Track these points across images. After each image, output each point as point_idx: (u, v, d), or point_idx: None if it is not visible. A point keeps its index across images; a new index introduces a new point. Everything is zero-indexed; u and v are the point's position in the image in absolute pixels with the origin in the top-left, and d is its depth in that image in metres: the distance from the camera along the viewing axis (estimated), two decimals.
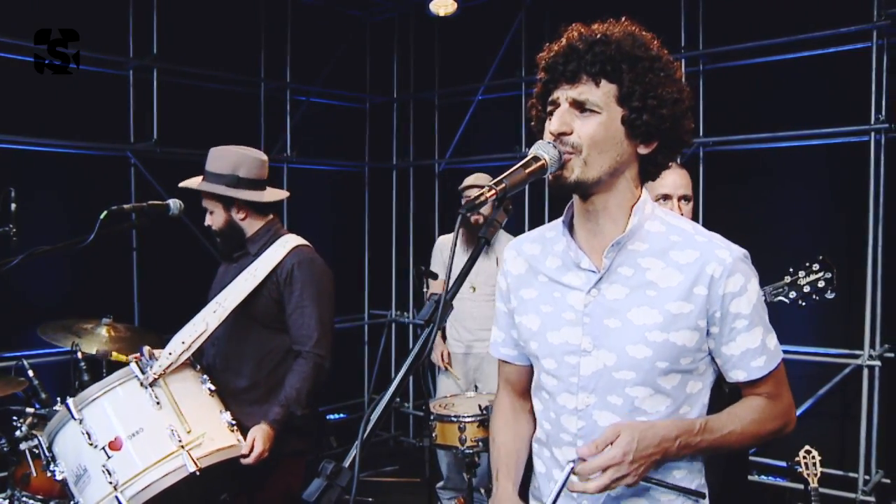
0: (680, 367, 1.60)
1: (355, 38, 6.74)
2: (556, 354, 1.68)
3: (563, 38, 1.63)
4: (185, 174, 3.16)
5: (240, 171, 3.03)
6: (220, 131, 5.04)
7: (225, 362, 3.09)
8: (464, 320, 4.82)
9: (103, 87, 5.07)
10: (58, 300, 4.77)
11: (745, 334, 1.60)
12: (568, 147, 1.54)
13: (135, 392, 2.72)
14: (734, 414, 1.64)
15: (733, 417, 1.63)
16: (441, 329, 4.90)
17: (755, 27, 4.74)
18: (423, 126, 6.84)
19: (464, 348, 4.91)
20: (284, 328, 3.05)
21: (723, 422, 1.62)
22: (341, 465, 1.15)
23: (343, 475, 1.15)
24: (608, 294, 1.62)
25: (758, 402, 1.67)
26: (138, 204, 2.85)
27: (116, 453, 2.62)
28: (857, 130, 4.42)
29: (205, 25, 5.43)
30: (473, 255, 1.39)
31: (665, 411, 1.61)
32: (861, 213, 4.39)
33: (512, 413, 1.92)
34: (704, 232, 1.65)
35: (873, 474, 4.44)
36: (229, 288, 2.99)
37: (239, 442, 2.80)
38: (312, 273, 3.06)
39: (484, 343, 4.87)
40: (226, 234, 3.11)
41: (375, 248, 7.02)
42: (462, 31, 6.31)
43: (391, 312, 7.01)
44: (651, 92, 1.54)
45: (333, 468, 1.15)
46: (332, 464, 1.16)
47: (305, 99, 6.35)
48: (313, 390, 3.00)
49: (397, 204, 6.98)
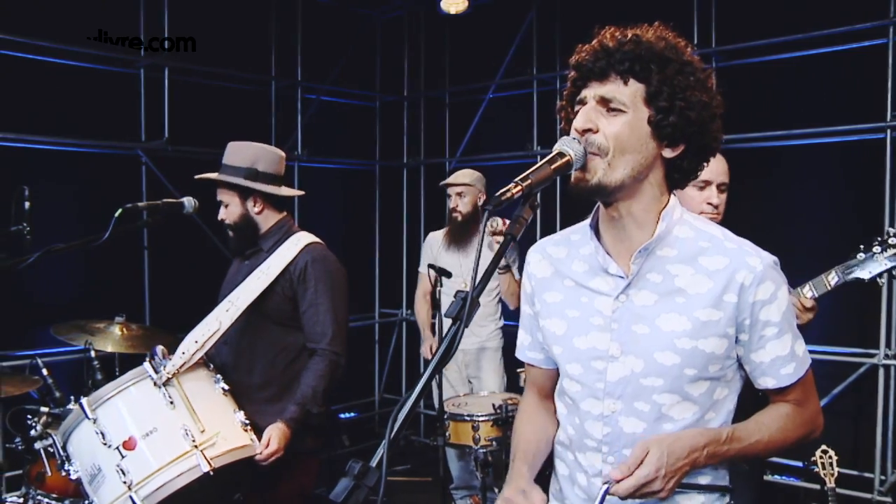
0: (708, 375, 1.58)
1: (366, 36, 6.73)
2: (582, 359, 1.66)
3: (594, 41, 1.61)
4: (196, 172, 3.16)
5: (258, 165, 3.03)
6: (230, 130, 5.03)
7: (238, 361, 3.07)
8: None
9: (114, 85, 5.07)
10: (69, 299, 4.77)
11: (775, 341, 1.59)
12: (593, 148, 1.52)
13: (148, 391, 2.71)
14: (761, 422, 1.63)
15: (760, 426, 1.62)
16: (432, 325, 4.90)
17: (768, 24, 4.71)
18: (433, 124, 6.82)
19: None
20: (298, 326, 3.04)
21: (750, 430, 1.60)
22: (369, 465, 1.13)
23: (371, 475, 1.13)
24: (636, 300, 1.60)
25: (785, 410, 1.65)
26: (153, 202, 2.84)
27: (130, 453, 2.61)
28: (873, 128, 4.38)
29: (216, 24, 5.42)
30: (499, 251, 1.37)
31: (692, 418, 1.59)
32: (876, 211, 4.35)
33: (536, 412, 1.90)
34: (734, 238, 1.63)
35: (889, 474, 4.40)
36: (242, 286, 2.98)
37: (252, 441, 2.79)
38: (326, 270, 3.05)
39: (478, 339, 4.86)
40: (240, 227, 3.09)
41: (386, 246, 7.01)
42: (472, 28, 6.28)
43: (402, 311, 6.99)
44: (679, 94, 1.52)
45: (361, 468, 1.13)
46: (359, 463, 1.14)
47: (316, 97, 6.33)
48: (329, 388, 2.99)
49: (408, 203, 6.97)
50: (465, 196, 4.79)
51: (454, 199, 4.81)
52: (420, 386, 1.22)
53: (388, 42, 6.88)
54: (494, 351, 4.92)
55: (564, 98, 1.68)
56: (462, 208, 4.80)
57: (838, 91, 4.59)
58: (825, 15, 4.47)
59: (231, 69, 5.61)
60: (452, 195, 4.82)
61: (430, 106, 6.87)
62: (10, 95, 4.50)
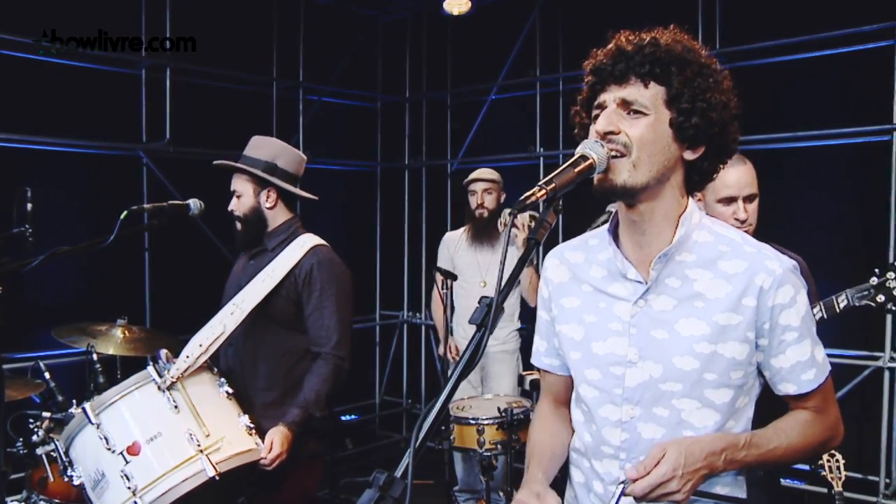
0: (731, 382, 1.56)
1: (367, 37, 6.70)
2: (600, 365, 1.64)
3: (610, 44, 1.59)
4: (198, 174, 3.15)
5: (279, 161, 3.03)
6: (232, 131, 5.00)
7: (242, 364, 3.05)
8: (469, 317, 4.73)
9: (116, 86, 5.04)
10: (70, 301, 4.74)
11: (795, 346, 1.57)
12: (619, 146, 1.50)
13: (152, 396, 2.68)
14: (780, 429, 1.60)
15: (779, 432, 1.59)
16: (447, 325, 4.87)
17: (773, 26, 4.69)
18: (435, 126, 6.80)
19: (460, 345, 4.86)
20: (302, 329, 3.01)
21: (769, 437, 1.58)
22: (394, 476, 1.11)
23: (396, 486, 1.10)
24: (655, 305, 1.59)
25: (805, 416, 1.63)
26: (158, 204, 2.81)
27: (134, 458, 2.58)
28: (879, 130, 4.36)
29: (217, 25, 5.39)
30: (523, 256, 1.34)
31: (713, 427, 1.57)
32: (882, 214, 4.33)
33: (551, 418, 1.88)
34: (753, 242, 1.61)
35: (893, 477, 4.38)
36: (247, 289, 2.95)
37: (258, 446, 2.76)
38: (332, 273, 3.02)
39: (494, 342, 4.83)
40: (249, 220, 3.06)
41: (387, 248, 6.99)
42: (475, 30, 6.26)
43: (403, 313, 6.97)
44: (700, 95, 1.51)
45: (386, 478, 1.10)
46: (384, 474, 1.11)
47: (317, 98, 6.31)
48: (332, 392, 2.96)
49: (410, 204, 6.94)
50: (491, 192, 4.81)
51: (480, 196, 4.81)
52: (445, 394, 1.19)
53: (390, 43, 6.86)
54: (511, 354, 4.89)
55: (579, 103, 1.66)
56: (488, 204, 4.80)
57: (844, 93, 4.57)
58: (830, 16, 4.46)
59: (233, 70, 5.58)
60: (478, 192, 4.81)
61: (432, 107, 6.85)
62: (10, 96, 4.46)
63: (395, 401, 7.03)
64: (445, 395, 1.20)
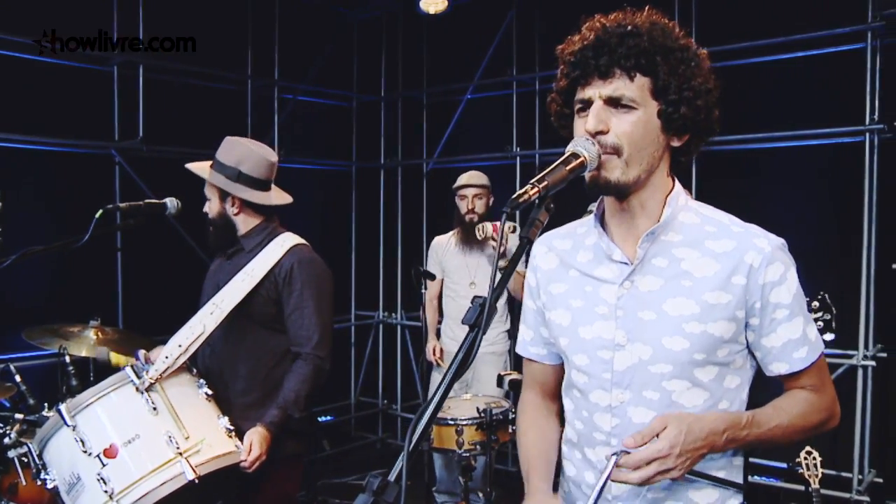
0: (717, 360, 1.56)
1: (343, 35, 6.66)
2: (588, 350, 1.63)
3: (585, 31, 1.57)
4: (171, 173, 3.10)
5: (242, 167, 2.97)
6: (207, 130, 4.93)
7: (221, 364, 3.00)
8: (459, 318, 4.74)
9: (87, 83, 4.95)
10: (40, 302, 4.65)
11: (787, 324, 1.56)
12: (608, 147, 1.49)
13: (130, 397, 2.62)
14: (780, 407, 1.60)
15: (779, 411, 1.59)
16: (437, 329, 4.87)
17: (748, 27, 4.72)
18: (411, 125, 6.77)
19: (457, 346, 4.83)
20: (282, 329, 2.98)
21: (769, 415, 1.57)
22: (387, 480, 1.09)
23: (390, 490, 1.08)
24: (642, 286, 1.58)
25: (803, 395, 1.62)
26: (134, 203, 2.76)
27: (112, 461, 2.53)
28: (853, 131, 4.42)
29: (192, 22, 5.31)
30: (516, 256, 1.33)
31: (703, 405, 1.57)
32: (856, 214, 4.39)
33: (538, 413, 1.87)
34: (740, 222, 1.61)
35: (866, 474, 4.44)
36: (226, 289, 2.91)
37: (237, 448, 2.72)
38: (312, 273, 3.00)
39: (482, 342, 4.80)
40: (218, 225, 3.05)
41: (363, 248, 6.94)
42: (451, 28, 6.24)
43: (378, 313, 6.93)
44: (686, 84, 1.51)
45: (380, 483, 1.08)
46: (377, 479, 1.09)
47: (292, 97, 6.25)
48: (312, 393, 2.94)
49: (385, 204, 6.91)
50: (482, 198, 4.81)
51: (471, 201, 4.79)
52: (439, 396, 1.18)
53: (366, 42, 6.82)
54: (499, 356, 4.86)
55: (557, 90, 1.64)
56: (479, 210, 4.80)
57: (819, 94, 4.62)
58: (805, 19, 4.50)
59: (207, 68, 5.50)
60: (469, 197, 4.80)
61: (408, 106, 6.82)
62: None
63: (371, 401, 7.00)
64: (439, 398, 1.18)
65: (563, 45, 1.60)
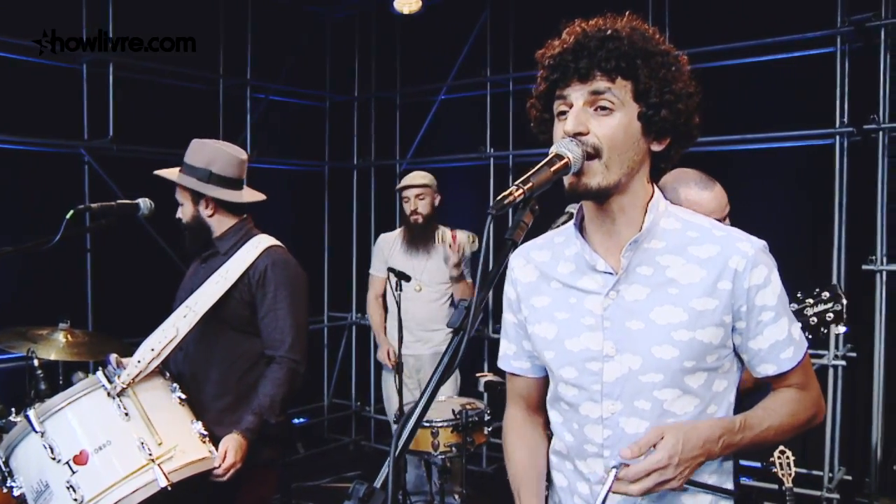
0: (706, 365, 1.56)
1: (316, 35, 6.61)
2: (576, 362, 1.62)
3: (565, 35, 1.56)
4: (142, 172, 3.05)
5: (213, 167, 2.93)
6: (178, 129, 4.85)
7: (194, 368, 2.96)
8: (406, 321, 4.69)
9: (56, 81, 4.85)
10: (6, 303, 4.54)
11: (773, 326, 1.57)
12: (588, 147, 1.48)
13: (101, 403, 2.57)
14: (769, 408, 1.61)
15: (769, 412, 1.60)
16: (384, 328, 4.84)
17: (723, 30, 4.76)
18: (384, 125, 6.74)
19: (405, 350, 4.82)
20: (256, 332, 2.94)
21: (760, 417, 1.58)
22: (374, 487, 1.07)
23: (376, 497, 1.06)
24: (627, 295, 1.57)
25: (790, 395, 1.63)
26: (106, 203, 2.70)
27: (82, 468, 2.47)
28: (824, 133, 4.47)
29: (162, 19, 5.23)
30: (500, 259, 1.31)
31: (693, 412, 1.56)
32: (828, 215, 4.43)
33: (525, 428, 1.85)
34: (721, 226, 1.61)
35: (836, 472, 4.49)
36: (200, 291, 2.87)
37: (211, 454, 2.67)
38: (286, 275, 2.96)
39: (426, 345, 4.81)
40: (192, 229, 3.00)
41: (335, 249, 6.89)
42: (425, 29, 6.23)
43: (351, 314, 6.89)
44: (666, 87, 1.50)
45: (366, 490, 1.07)
46: (363, 485, 1.07)
47: (265, 97, 6.19)
48: (287, 397, 2.90)
49: (358, 204, 6.87)
50: (424, 198, 4.76)
51: (413, 202, 4.76)
52: (424, 401, 1.16)
53: (339, 41, 6.77)
54: None
55: (536, 95, 1.62)
56: (422, 210, 4.75)
57: (792, 97, 4.67)
58: (779, 22, 4.54)
59: (179, 66, 5.41)
60: (411, 197, 4.76)
61: (381, 107, 6.79)
62: None
63: (344, 403, 6.95)
64: (424, 403, 1.16)
65: (543, 50, 1.59)
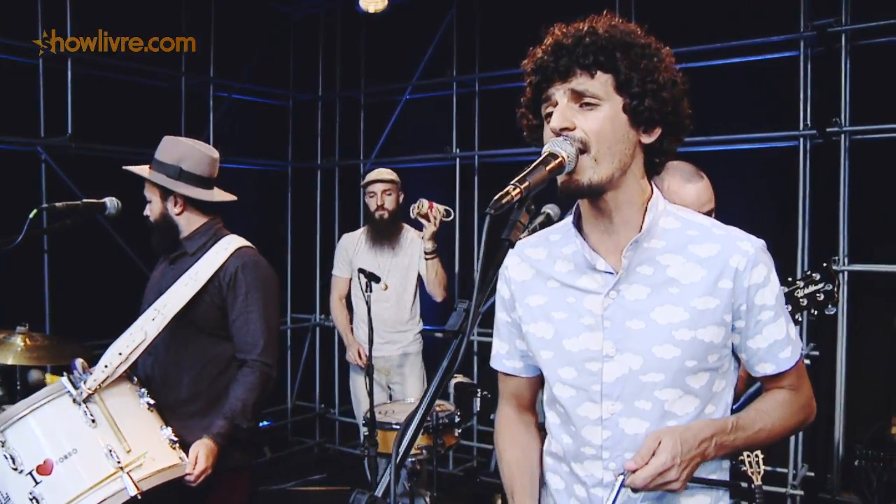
0: (708, 366, 1.55)
1: (280, 33, 6.52)
2: (575, 362, 1.60)
3: (547, 39, 1.55)
4: (102, 171, 2.96)
5: (183, 164, 2.86)
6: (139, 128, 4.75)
7: (163, 373, 2.88)
8: (373, 322, 4.65)
9: (11, 75, 4.69)
10: None
11: (772, 325, 1.56)
12: (576, 143, 1.46)
13: (66, 409, 2.48)
14: (761, 410, 1.60)
15: (762, 413, 1.59)
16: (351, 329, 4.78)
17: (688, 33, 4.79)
18: (349, 125, 6.69)
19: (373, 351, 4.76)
20: (226, 335, 2.87)
21: (752, 419, 1.58)
22: (375, 496, 1.03)
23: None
24: (628, 295, 1.55)
25: (783, 396, 1.63)
26: (71, 202, 2.61)
27: (46, 478, 2.39)
28: (788, 136, 4.53)
29: (122, 14, 5.10)
30: (497, 261, 1.28)
31: (694, 413, 1.56)
32: (792, 215, 4.50)
33: (518, 428, 1.82)
34: (721, 225, 1.61)
35: (800, 468, 4.56)
36: (168, 293, 2.79)
37: (182, 460, 2.60)
38: (257, 276, 2.90)
39: (394, 346, 4.78)
40: (159, 227, 2.93)
41: (299, 250, 6.82)
42: (390, 28, 6.18)
43: (315, 316, 6.82)
44: (649, 77, 1.49)
45: (368, 500, 1.03)
46: (365, 495, 1.04)
47: (228, 95, 6.08)
48: (260, 402, 2.84)
49: (322, 205, 6.80)
50: (391, 194, 4.75)
51: (380, 197, 4.73)
52: (425, 405, 1.13)
53: (303, 40, 6.69)
54: (415, 356, 4.85)
55: (524, 104, 1.61)
56: (388, 206, 4.74)
57: (756, 99, 4.73)
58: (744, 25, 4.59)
59: (139, 63, 5.27)
60: (378, 193, 4.74)
61: (346, 106, 6.73)
62: None
63: (308, 406, 6.88)
64: (425, 408, 1.13)
65: (527, 59, 1.58)
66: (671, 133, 1.57)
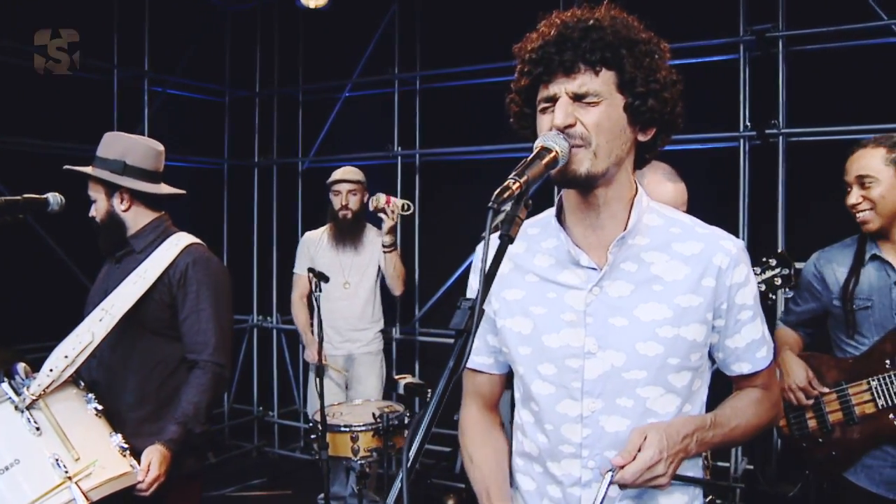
0: (690, 364, 1.55)
1: (215, 26, 6.34)
2: (555, 359, 1.57)
3: (544, 28, 1.52)
4: (28, 167, 2.82)
5: (128, 158, 2.76)
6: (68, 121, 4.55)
7: (109, 376, 2.75)
8: (334, 321, 4.62)
9: None
10: None
11: (750, 325, 1.59)
12: (576, 139, 1.45)
13: (8, 417, 2.34)
14: (736, 407, 1.63)
15: (736, 411, 1.62)
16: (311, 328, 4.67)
17: None
18: (286, 123, 6.56)
19: (333, 350, 4.71)
20: (177, 336, 2.77)
21: (728, 416, 1.60)
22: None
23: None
24: (611, 291, 1.54)
25: (755, 395, 1.66)
26: (11, 198, 2.45)
27: None
28: (729, 137, 4.63)
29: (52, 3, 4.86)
30: (497, 257, 1.25)
31: (674, 411, 1.56)
32: (733, 215, 4.59)
33: (484, 428, 1.78)
34: (702, 223, 1.62)
35: (740, 462, 4.68)
36: (116, 292, 2.67)
37: (133, 468, 2.48)
38: (209, 273, 2.81)
39: (355, 345, 4.73)
40: (106, 226, 2.81)
41: (235, 249, 6.63)
42: (329, 23, 6.08)
43: (252, 317, 6.67)
44: (651, 76, 1.49)
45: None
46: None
47: (162, 90, 5.88)
48: (212, 404, 2.76)
49: (259, 204, 6.65)
50: (356, 194, 4.73)
51: (345, 197, 4.70)
52: (432, 409, 1.08)
53: (239, 34, 6.52)
54: (375, 355, 4.80)
55: (517, 91, 1.58)
56: (353, 206, 4.72)
57: (699, 100, 4.77)
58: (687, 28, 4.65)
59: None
60: (343, 192, 4.71)
61: (283, 103, 6.60)
62: None
63: (246, 409, 6.71)
64: (433, 411, 1.09)
65: (522, 44, 1.55)
66: (664, 132, 1.57)
